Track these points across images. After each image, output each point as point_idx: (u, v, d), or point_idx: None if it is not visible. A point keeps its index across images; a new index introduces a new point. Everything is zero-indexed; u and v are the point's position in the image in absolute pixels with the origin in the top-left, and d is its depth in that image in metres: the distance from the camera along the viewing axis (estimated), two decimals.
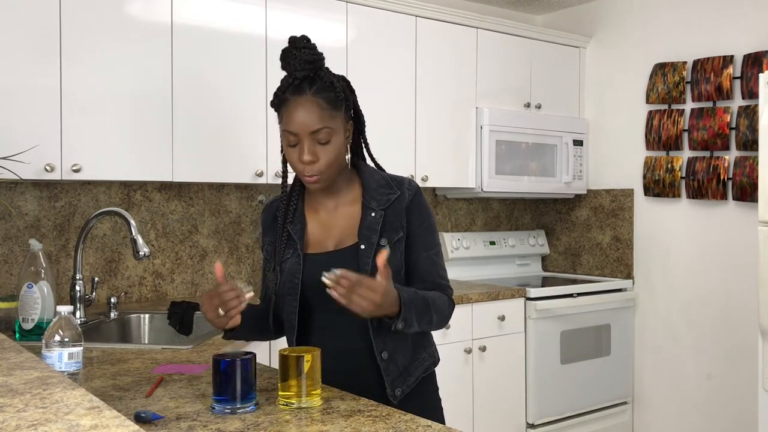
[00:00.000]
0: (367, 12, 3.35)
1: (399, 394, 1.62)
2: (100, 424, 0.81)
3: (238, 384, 1.35)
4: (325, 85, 1.56)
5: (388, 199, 1.66)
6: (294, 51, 1.56)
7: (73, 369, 1.71)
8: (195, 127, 2.87)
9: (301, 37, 1.57)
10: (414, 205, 1.67)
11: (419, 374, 1.68)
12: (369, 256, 1.60)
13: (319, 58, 1.57)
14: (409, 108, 3.52)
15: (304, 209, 1.71)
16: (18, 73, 2.51)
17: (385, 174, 1.73)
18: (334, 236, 1.67)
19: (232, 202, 3.35)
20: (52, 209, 2.90)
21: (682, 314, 3.83)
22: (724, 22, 3.65)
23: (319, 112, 1.54)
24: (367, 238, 1.62)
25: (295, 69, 1.55)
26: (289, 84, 1.56)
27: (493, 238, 4.20)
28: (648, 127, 3.93)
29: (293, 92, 1.56)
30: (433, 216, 1.73)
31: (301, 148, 1.56)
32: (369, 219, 1.63)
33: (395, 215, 1.65)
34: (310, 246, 1.68)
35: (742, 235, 3.54)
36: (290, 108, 1.56)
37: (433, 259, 1.69)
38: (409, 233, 1.66)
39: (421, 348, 1.71)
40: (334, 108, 1.57)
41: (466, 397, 3.39)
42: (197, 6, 2.88)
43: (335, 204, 1.69)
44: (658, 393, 3.94)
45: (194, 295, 3.22)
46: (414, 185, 1.70)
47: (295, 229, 1.67)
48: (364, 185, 1.68)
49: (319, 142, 1.56)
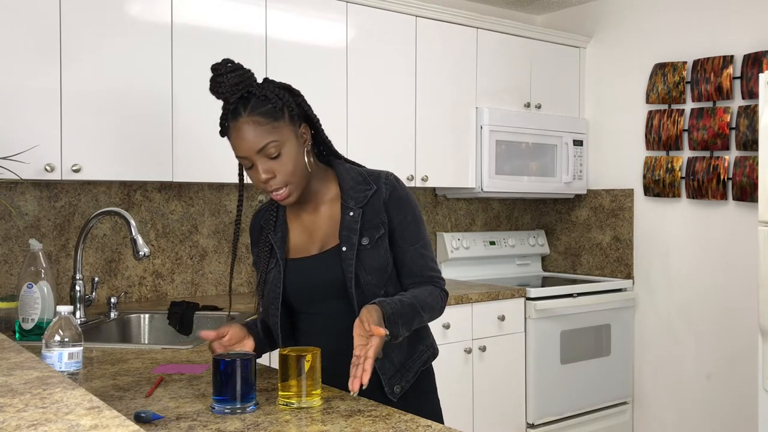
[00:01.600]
0: (367, 12, 3.35)
1: (398, 390, 1.62)
2: (100, 424, 0.81)
3: (238, 384, 1.35)
4: (260, 101, 1.55)
5: (365, 195, 1.64)
6: (219, 78, 1.55)
7: (73, 369, 1.71)
8: (195, 127, 2.87)
9: (223, 62, 1.56)
10: (393, 199, 1.65)
11: (418, 368, 1.68)
12: (352, 258, 1.59)
13: (246, 77, 1.56)
14: (409, 108, 3.52)
15: (286, 217, 1.71)
16: (18, 73, 2.51)
17: (362, 169, 1.71)
18: (318, 239, 1.66)
19: (232, 202, 3.35)
20: (52, 209, 2.90)
21: (682, 314, 3.83)
22: (724, 22, 3.65)
23: (260, 129, 1.53)
24: (347, 239, 1.61)
25: (227, 94, 1.55)
26: (227, 111, 1.57)
27: (493, 238, 4.20)
28: (648, 127, 3.93)
29: (231, 118, 1.56)
30: (417, 207, 1.70)
31: (256, 168, 1.56)
32: (348, 219, 1.62)
33: (374, 212, 1.63)
34: (292, 251, 1.68)
35: (742, 235, 3.54)
36: (233, 134, 1.56)
37: (420, 252, 1.67)
38: (392, 229, 1.65)
39: (418, 342, 1.71)
40: (275, 119, 1.55)
41: (466, 397, 3.39)
42: (197, 6, 2.88)
43: (315, 206, 1.68)
44: (658, 393, 3.94)
45: (194, 295, 3.22)
46: (391, 179, 1.68)
47: (276, 238, 1.68)
48: (341, 184, 1.67)
49: (270, 158, 1.54)
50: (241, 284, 3.38)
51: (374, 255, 1.61)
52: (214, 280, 3.30)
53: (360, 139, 3.30)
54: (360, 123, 3.33)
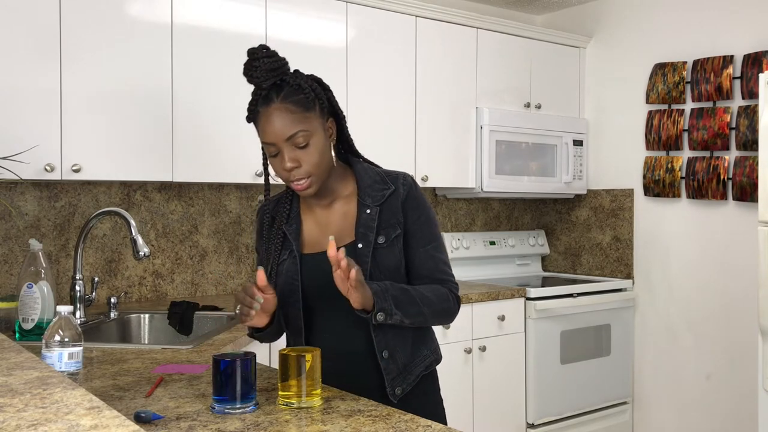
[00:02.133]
0: (367, 12, 3.35)
1: (399, 392, 1.61)
2: (100, 424, 0.81)
3: (238, 384, 1.35)
4: (293, 90, 1.55)
5: (382, 195, 1.64)
6: (255, 63, 1.54)
7: (73, 369, 1.71)
8: (195, 127, 2.87)
9: (260, 47, 1.56)
10: (410, 200, 1.66)
11: (420, 372, 1.67)
12: (368, 255, 1.59)
13: (282, 64, 1.56)
14: (409, 108, 3.52)
15: (299, 209, 1.70)
16: (18, 73, 2.51)
17: (380, 169, 1.71)
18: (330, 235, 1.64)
19: (232, 202, 3.35)
20: (52, 209, 2.90)
21: (682, 314, 3.83)
22: (724, 22, 3.65)
23: (291, 117, 1.53)
24: (363, 236, 1.61)
25: (260, 80, 1.54)
26: (258, 96, 1.56)
27: (493, 238, 4.20)
28: (648, 127, 3.93)
29: (262, 103, 1.55)
30: (431, 209, 1.71)
31: (282, 156, 1.55)
32: (364, 216, 1.62)
33: (391, 212, 1.64)
34: (306, 246, 1.67)
35: (742, 235, 3.54)
36: (262, 119, 1.55)
37: (431, 254, 1.67)
38: (407, 229, 1.65)
39: (422, 345, 1.70)
40: (306, 110, 1.55)
41: (466, 397, 3.39)
42: (197, 6, 2.88)
43: (330, 202, 1.68)
44: (658, 393, 3.94)
45: (194, 295, 3.22)
46: (409, 179, 1.69)
47: (291, 229, 1.67)
48: (359, 182, 1.67)
49: (297, 147, 1.54)
50: (241, 284, 3.38)
51: (389, 254, 1.61)
52: (214, 280, 3.30)
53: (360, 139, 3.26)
54: (360, 123, 3.32)
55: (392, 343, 1.61)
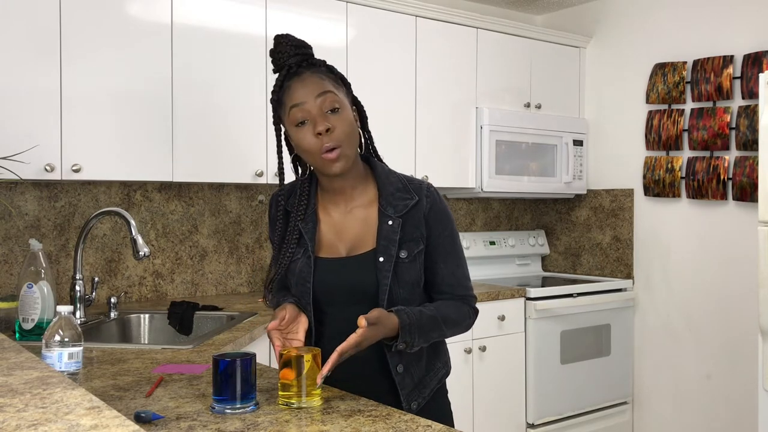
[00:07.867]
0: (367, 12, 3.35)
1: (415, 407, 1.57)
2: (100, 424, 0.81)
3: (238, 384, 1.35)
4: (322, 68, 1.54)
5: (405, 205, 1.57)
6: (282, 39, 1.54)
7: (73, 369, 1.71)
8: (195, 127, 2.87)
9: (286, 34, 1.55)
10: (433, 212, 1.59)
11: (434, 385, 1.63)
12: (389, 270, 1.52)
13: (308, 46, 1.55)
14: (409, 108, 3.52)
15: (316, 208, 1.62)
16: (18, 73, 2.51)
17: (402, 176, 1.64)
18: (347, 240, 1.59)
19: (232, 202, 3.35)
20: (52, 209, 2.90)
21: (682, 314, 3.83)
22: (724, 22, 3.65)
23: (323, 80, 1.51)
24: (385, 249, 1.53)
25: (288, 56, 1.52)
26: (285, 73, 1.53)
27: (493, 238, 4.20)
28: (648, 127, 3.93)
29: (291, 77, 1.52)
30: (454, 221, 1.65)
31: (313, 120, 1.48)
32: (386, 228, 1.55)
33: (414, 224, 1.57)
34: (321, 249, 1.59)
35: (742, 235, 3.54)
36: (292, 88, 1.51)
37: (453, 269, 1.61)
38: (430, 243, 1.59)
39: (435, 358, 1.66)
40: (337, 83, 1.54)
41: (466, 397, 3.39)
42: (197, 6, 2.88)
43: (348, 205, 1.60)
44: (658, 393, 3.94)
45: (194, 295, 3.22)
46: (432, 191, 1.62)
47: (307, 228, 1.59)
48: (380, 188, 1.60)
49: (330, 110, 1.49)
50: (241, 284, 3.38)
51: (410, 269, 1.55)
52: (214, 280, 3.30)
53: None
54: None
55: (406, 357, 1.56)
